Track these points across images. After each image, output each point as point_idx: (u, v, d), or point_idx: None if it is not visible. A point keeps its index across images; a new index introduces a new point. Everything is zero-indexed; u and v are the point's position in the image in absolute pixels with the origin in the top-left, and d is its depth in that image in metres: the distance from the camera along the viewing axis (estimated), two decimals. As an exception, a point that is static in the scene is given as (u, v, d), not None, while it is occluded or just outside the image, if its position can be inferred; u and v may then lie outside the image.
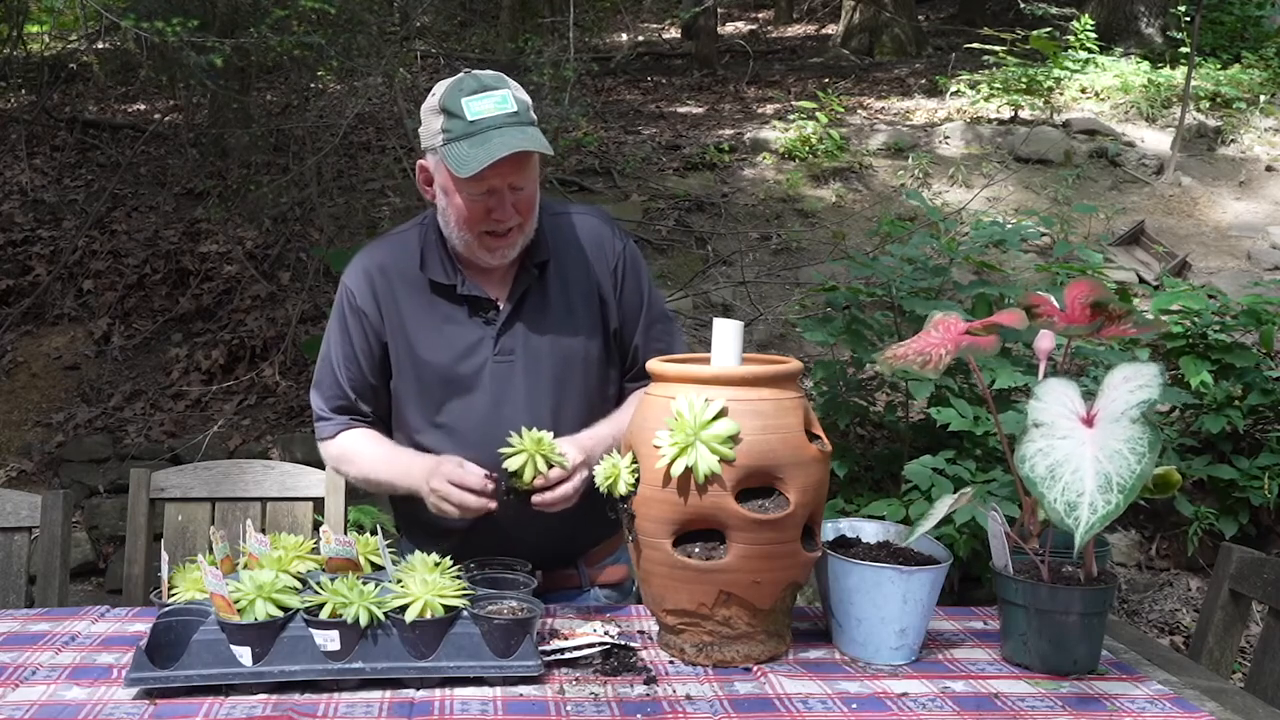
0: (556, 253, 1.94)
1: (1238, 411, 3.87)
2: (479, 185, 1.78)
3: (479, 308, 1.91)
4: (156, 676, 1.44)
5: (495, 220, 1.81)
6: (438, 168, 1.83)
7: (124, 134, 7.37)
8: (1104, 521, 1.36)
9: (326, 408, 1.98)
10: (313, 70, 6.03)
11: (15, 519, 2.18)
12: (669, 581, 1.59)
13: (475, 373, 1.89)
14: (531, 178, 1.83)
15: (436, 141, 1.80)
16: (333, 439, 1.99)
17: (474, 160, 1.73)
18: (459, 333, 1.90)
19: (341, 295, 1.96)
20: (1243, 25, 9.54)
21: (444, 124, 1.79)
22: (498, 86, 1.79)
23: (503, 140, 1.74)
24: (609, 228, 2.02)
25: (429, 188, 1.88)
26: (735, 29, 12.13)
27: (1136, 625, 3.76)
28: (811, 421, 1.62)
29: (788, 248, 6.29)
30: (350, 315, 1.94)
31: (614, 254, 1.98)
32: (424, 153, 1.87)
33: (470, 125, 1.76)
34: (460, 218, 1.83)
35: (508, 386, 1.89)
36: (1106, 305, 1.62)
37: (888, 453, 3.89)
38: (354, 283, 1.95)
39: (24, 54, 7.53)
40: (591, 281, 1.96)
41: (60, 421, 5.00)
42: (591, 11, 8.14)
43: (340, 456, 1.99)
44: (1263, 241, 6.34)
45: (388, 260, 1.94)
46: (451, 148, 1.77)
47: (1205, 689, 1.56)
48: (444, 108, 1.79)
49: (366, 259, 1.96)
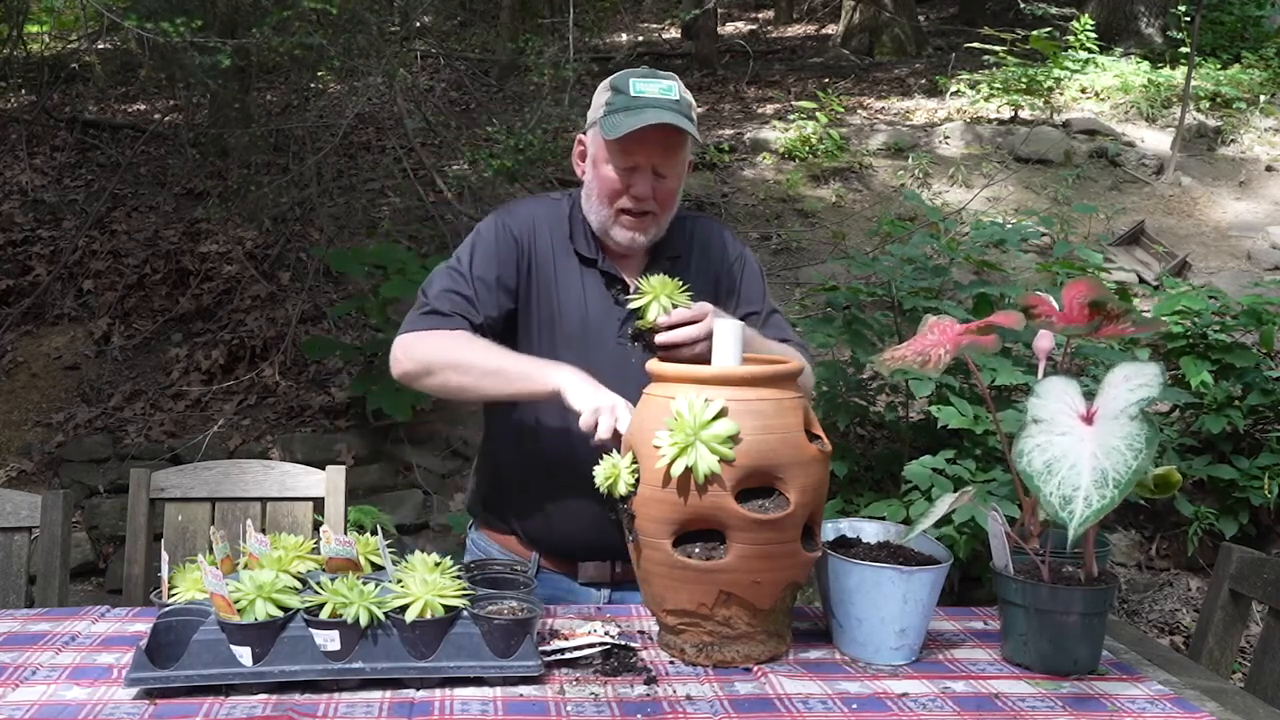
0: (685, 251, 2.01)
1: (1238, 411, 3.87)
2: (625, 158, 1.85)
3: (614, 285, 1.95)
4: (156, 676, 1.44)
5: (634, 197, 1.87)
6: (592, 139, 1.91)
7: (124, 134, 7.38)
8: (1098, 515, 1.37)
9: (450, 307, 1.87)
10: (313, 70, 6.03)
11: (15, 519, 2.18)
12: (669, 581, 1.59)
13: (601, 345, 1.92)
14: (677, 169, 1.90)
15: (598, 114, 1.88)
16: (443, 330, 1.85)
17: (624, 125, 1.80)
18: (596, 302, 1.94)
19: (496, 223, 1.96)
20: (1243, 25, 9.54)
21: (609, 99, 1.87)
22: (668, 78, 1.89)
23: (656, 114, 1.81)
24: (728, 232, 2.11)
25: (581, 163, 1.96)
26: (735, 29, 12.13)
27: (1136, 625, 3.76)
28: (811, 421, 1.62)
29: (788, 248, 6.29)
30: (505, 245, 1.92)
31: (735, 254, 2.07)
32: (584, 131, 1.95)
33: (631, 100, 1.84)
34: (602, 189, 1.89)
35: (625, 368, 1.87)
36: (1105, 305, 1.62)
37: (888, 453, 3.89)
38: (514, 220, 1.95)
39: (24, 54, 7.53)
40: (715, 280, 2.02)
41: (60, 421, 5.00)
42: (591, 11, 8.14)
43: (452, 343, 1.83)
44: (1263, 241, 6.34)
45: (544, 215, 1.98)
46: (610, 118, 1.84)
47: (1205, 689, 1.56)
48: (613, 85, 1.88)
49: (530, 206, 2.00)
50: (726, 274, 2.04)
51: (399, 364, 1.89)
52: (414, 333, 1.88)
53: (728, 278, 2.04)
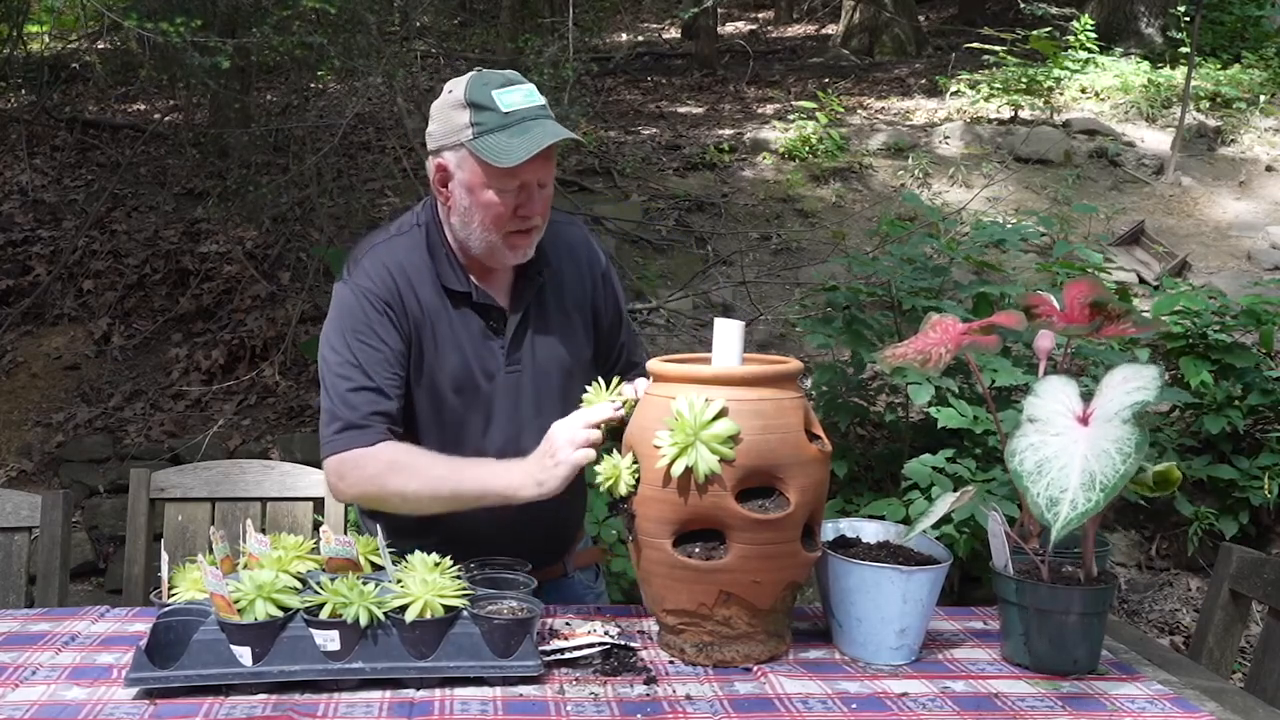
0: (555, 260, 1.91)
1: (1238, 411, 3.87)
2: (512, 180, 1.73)
3: (489, 317, 1.85)
4: (156, 676, 1.44)
5: (522, 217, 1.76)
6: (462, 164, 1.75)
7: (124, 134, 7.37)
8: (1082, 519, 1.37)
9: (360, 413, 1.75)
10: (313, 70, 6.03)
11: (15, 519, 2.18)
12: (669, 581, 1.59)
13: (489, 384, 1.84)
14: (552, 175, 1.81)
15: (464, 136, 1.73)
16: (372, 447, 1.75)
17: (518, 150, 1.68)
18: (473, 342, 1.83)
19: (357, 295, 1.79)
20: (1243, 25, 9.54)
21: (473, 117, 1.72)
22: (522, 81, 1.77)
23: (543, 130, 1.71)
24: (589, 235, 2.02)
25: (444, 189, 1.79)
26: (735, 29, 12.13)
27: (1136, 625, 3.76)
28: (812, 421, 1.62)
29: (788, 248, 6.29)
30: (376, 314, 1.78)
31: (599, 262, 1.98)
32: (436, 152, 1.79)
33: (505, 117, 1.71)
34: (488, 216, 1.75)
35: (519, 398, 1.85)
36: (1105, 305, 1.62)
37: (888, 453, 3.89)
38: (373, 281, 1.79)
39: (24, 54, 7.52)
40: (583, 289, 1.94)
41: (60, 421, 5.00)
42: (591, 11, 8.13)
43: (391, 465, 1.74)
44: (1263, 241, 6.34)
45: (402, 260, 1.82)
46: (487, 139, 1.71)
47: (1205, 689, 1.56)
48: (471, 101, 1.73)
49: (380, 257, 1.82)
50: (590, 286, 1.95)
51: (340, 492, 1.80)
52: (335, 457, 1.77)
53: (591, 290, 1.95)
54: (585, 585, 2.07)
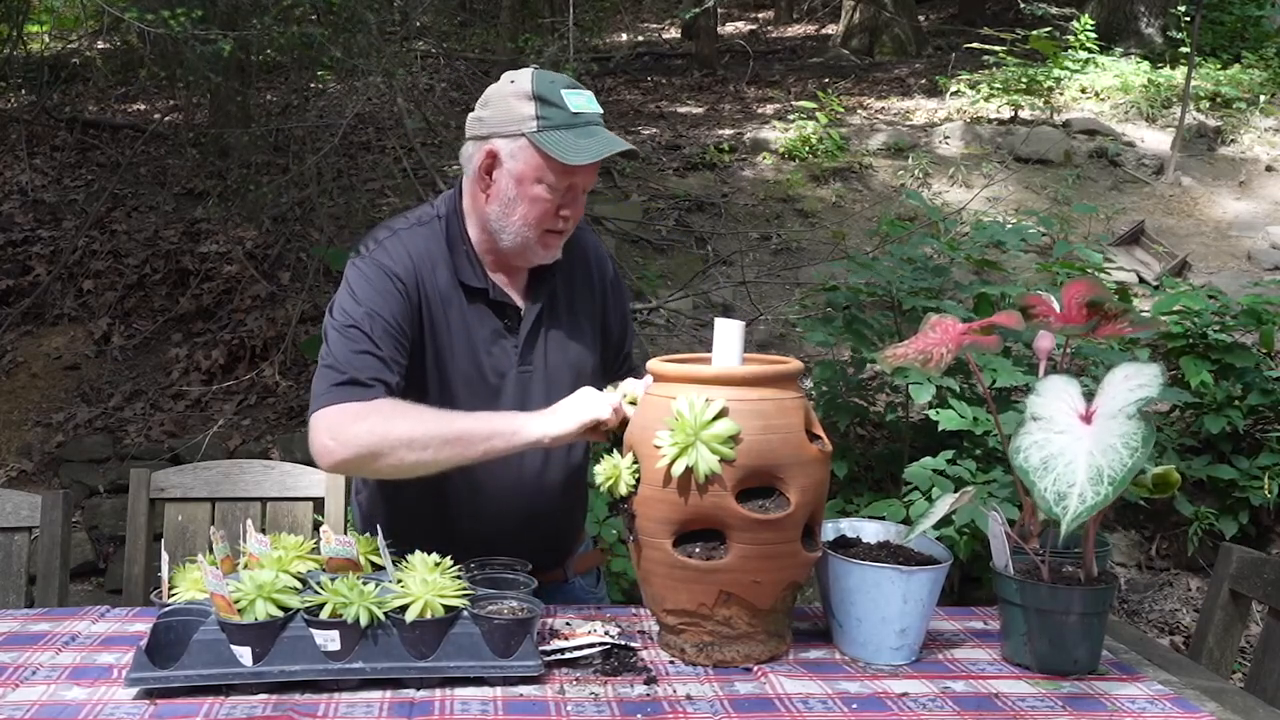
0: (568, 262, 1.91)
1: (1238, 411, 3.87)
2: (567, 178, 1.73)
3: (504, 315, 1.84)
4: (156, 676, 1.44)
5: (562, 217, 1.77)
6: (517, 154, 1.73)
7: (124, 134, 7.37)
8: (1091, 512, 1.37)
9: (364, 374, 1.67)
10: (313, 69, 6.03)
11: (15, 519, 2.18)
12: (669, 581, 1.59)
13: (500, 383, 1.83)
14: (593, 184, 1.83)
15: (527, 127, 1.71)
16: (370, 401, 1.66)
17: (586, 151, 1.69)
18: (486, 340, 1.82)
19: (374, 268, 1.75)
20: (1243, 25, 9.54)
21: (539, 110, 1.71)
22: (581, 87, 1.79)
23: (608, 137, 1.73)
24: (596, 239, 2.03)
25: (487, 175, 1.76)
26: (735, 29, 12.13)
27: (1136, 625, 3.76)
28: (812, 421, 1.62)
29: (788, 248, 6.29)
30: (391, 289, 1.73)
31: (608, 269, 1.99)
32: (486, 138, 1.75)
33: (574, 116, 1.72)
34: (532, 211, 1.74)
35: (528, 398, 1.84)
36: (1103, 304, 1.62)
37: (888, 453, 3.89)
38: (392, 259, 1.76)
39: (24, 54, 7.52)
40: (593, 294, 1.95)
41: (60, 421, 5.00)
42: (591, 11, 8.14)
43: (395, 409, 1.66)
44: (1263, 241, 6.34)
45: (422, 251, 1.79)
46: (552, 134, 1.70)
47: (1205, 689, 1.56)
48: (539, 95, 1.72)
49: (402, 240, 1.79)
50: (600, 290, 1.96)
51: (330, 453, 1.66)
52: (332, 408, 1.66)
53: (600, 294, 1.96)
54: (586, 590, 2.07)
